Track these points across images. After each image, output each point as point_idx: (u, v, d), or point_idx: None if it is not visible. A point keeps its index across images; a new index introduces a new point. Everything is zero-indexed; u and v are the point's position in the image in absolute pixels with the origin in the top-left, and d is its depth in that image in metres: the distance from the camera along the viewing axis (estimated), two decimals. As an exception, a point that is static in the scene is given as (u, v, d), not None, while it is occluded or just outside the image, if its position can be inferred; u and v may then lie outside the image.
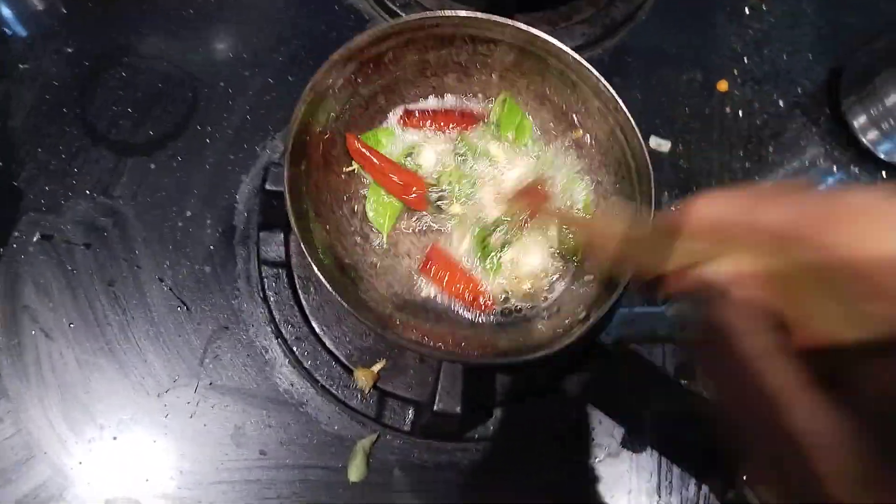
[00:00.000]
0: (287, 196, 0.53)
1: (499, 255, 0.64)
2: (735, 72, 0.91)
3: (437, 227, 0.67)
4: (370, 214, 0.65)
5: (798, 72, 0.92)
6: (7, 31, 0.80)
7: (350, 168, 0.65)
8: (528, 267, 0.64)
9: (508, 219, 0.64)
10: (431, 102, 0.69)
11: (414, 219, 0.68)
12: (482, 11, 0.76)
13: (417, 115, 0.68)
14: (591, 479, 0.70)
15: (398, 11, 0.84)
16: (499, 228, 0.64)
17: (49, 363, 0.67)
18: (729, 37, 0.93)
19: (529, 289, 0.63)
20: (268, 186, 0.61)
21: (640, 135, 0.60)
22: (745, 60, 0.92)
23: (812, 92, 0.92)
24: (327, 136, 0.61)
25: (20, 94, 0.77)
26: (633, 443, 0.71)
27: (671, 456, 0.71)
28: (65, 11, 0.82)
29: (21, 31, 0.80)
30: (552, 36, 0.62)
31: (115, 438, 0.65)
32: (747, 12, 0.95)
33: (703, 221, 0.35)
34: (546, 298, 0.62)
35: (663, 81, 0.88)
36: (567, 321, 0.57)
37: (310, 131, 0.58)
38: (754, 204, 0.33)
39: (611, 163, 0.64)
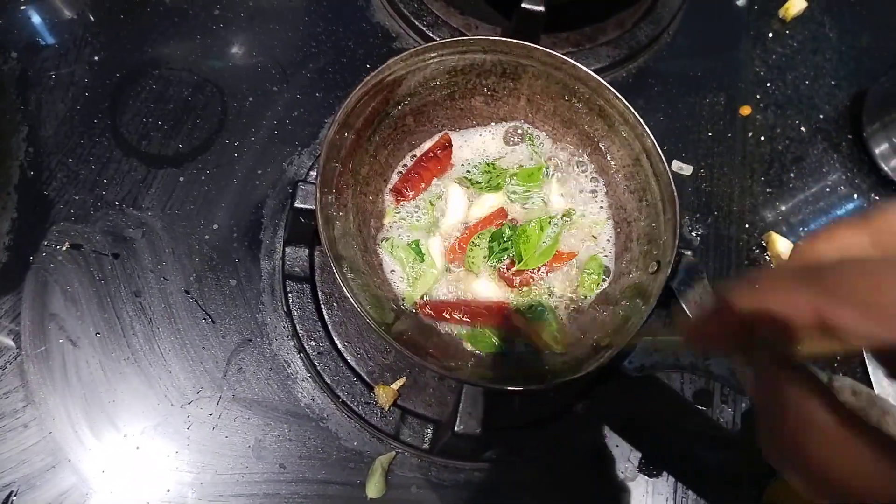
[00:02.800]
0: (318, 216, 0.53)
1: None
2: (758, 96, 0.91)
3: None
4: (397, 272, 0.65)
5: (821, 97, 0.93)
6: (39, 40, 0.82)
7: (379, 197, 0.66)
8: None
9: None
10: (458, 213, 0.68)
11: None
12: (508, 32, 0.77)
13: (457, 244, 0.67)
14: (608, 502, 0.70)
15: (425, 30, 0.85)
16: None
17: (75, 371, 0.68)
18: (752, 61, 0.93)
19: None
20: (297, 204, 0.62)
21: (665, 162, 0.61)
22: (768, 85, 0.92)
23: (834, 117, 0.92)
24: (356, 157, 0.62)
25: (52, 103, 0.78)
26: (649, 467, 0.71)
27: (687, 481, 0.71)
28: (93, 19, 0.83)
29: (51, 40, 0.82)
30: (576, 57, 0.63)
31: (137, 448, 0.66)
32: (770, 37, 0.96)
33: (705, 337, 0.35)
34: (569, 323, 0.62)
35: (686, 105, 0.88)
36: (590, 347, 0.57)
37: (340, 151, 0.59)
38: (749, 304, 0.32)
39: (636, 189, 0.65)
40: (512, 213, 0.68)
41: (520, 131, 0.71)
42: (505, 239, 0.64)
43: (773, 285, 0.31)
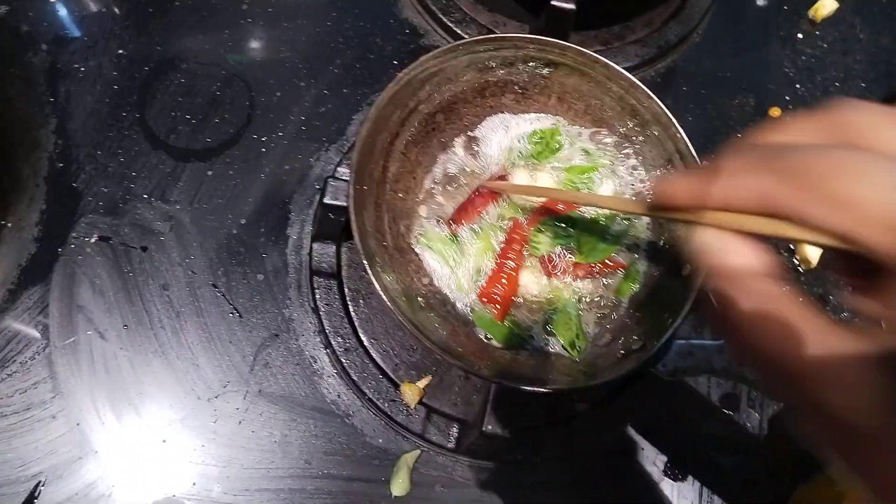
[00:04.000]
0: (352, 212, 0.53)
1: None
2: (787, 98, 0.90)
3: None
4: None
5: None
6: (67, 33, 0.82)
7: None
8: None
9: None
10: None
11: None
12: (537, 29, 0.77)
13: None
14: (632, 504, 0.70)
15: (453, 27, 0.85)
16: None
17: (102, 363, 0.68)
18: (782, 62, 0.92)
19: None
20: (326, 200, 0.62)
21: (699, 162, 0.60)
22: (798, 86, 0.91)
23: (864, 120, 0.90)
24: (388, 154, 0.62)
25: (80, 95, 0.79)
26: (675, 471, 0.71)
27: (713, 486, 0.71)
28: (119, 12, 0.83)
29: (79, 33, 0.82)
30: (605, 55, 0.62)
31: (164, 441, 0.67)
32: (800, 37, 0.95)
33: (663, 202, 0.35)
34: (602, 323, 0.62)
35: (716, 105, 0.88)
36: (622, 350, 0.56)
37: (372, 147, 0.59)
38: (710, 181, 0.32)
39: (667, 190, 0.64)
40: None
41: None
42: (570, 225, 0.64)
43: (732, 165, 0.31)
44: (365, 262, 0.53)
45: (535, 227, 0.64)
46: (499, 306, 0.61)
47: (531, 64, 0.65)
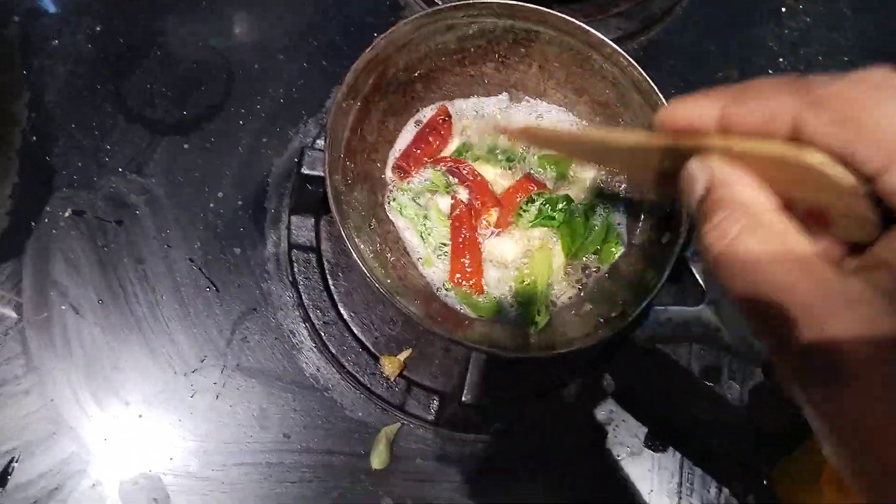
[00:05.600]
0: (327, 177, 0.52)
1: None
2: (770, 71, 0.90)
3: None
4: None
5: (834, 73, 0.91)
6: (41, 5, 0.80)
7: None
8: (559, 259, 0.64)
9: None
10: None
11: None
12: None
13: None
14: (613, 476, 0.70)
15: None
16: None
17: (77, 338, 0.67)
18: (765, 35, 0.92)
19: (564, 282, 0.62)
20: (304, 170, 0.61)
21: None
22: (781, 60, 0.91)
23: (848, 95, 0.90)
24: (365, 122, 0.61)
25: (54, 69, 0.77)
26: (655, 443, 0.70)
27: (693, 458, 0.71)
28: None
29: (53, 7, 0.80)
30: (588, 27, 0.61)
31: (140, 416, 0.66)
32: (784, 11, 0.94)
33: (675, 127, 0.34)
34: (580, 291, 0.62)
35: (699, 78, 0.87)
36: (601, 316, 0.56)
37: (348, 115, 0.58)
38: (729, 103, 0.32)
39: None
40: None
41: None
42: (558, 207, 0.63)
43: (758, 87, 0.31)
44: (340, 227, 0.52)
45: (525, 199, 0.64)
46: (471, 282, 0.61)
47: (512, 32, 0.64)
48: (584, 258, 0.63)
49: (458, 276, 0.61)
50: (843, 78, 0.29)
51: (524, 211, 0.63)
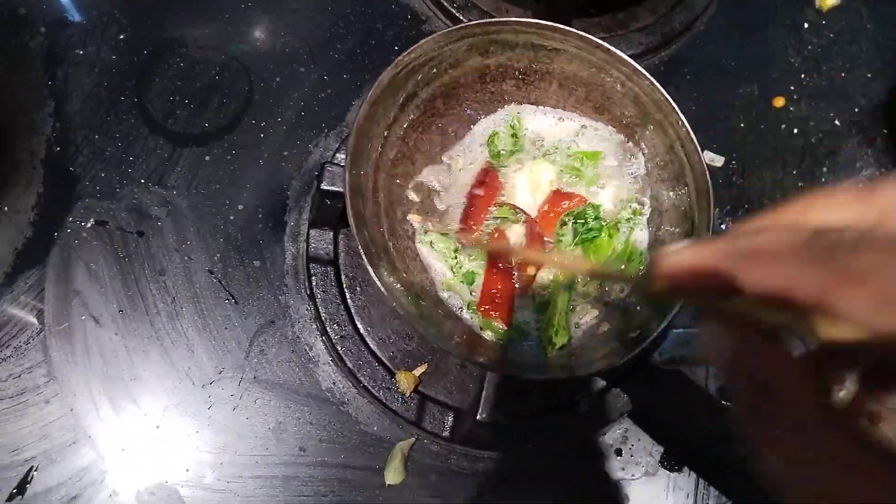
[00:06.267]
0: (347, 198, 0.53)
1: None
2: (791, 87, 0.89)
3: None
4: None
5: (855, 89, 0.90)
6: (66, 16, 0.81)
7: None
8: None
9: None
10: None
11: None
12: (539, 15, 0.76)
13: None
14: (628, 495, 0.69)
15: (454, 12, 0.84)
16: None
17: (98, 348, 0.68)
18: (787, 51, 0.91)
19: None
20: (323, 186, 0.61)
21: (700, 151, 0.59)
22: (803, 76, 0.90)
23: (869, 110, 0.89)
24: (386, 139, 0.61)
25: (78, 79, 0.78)
26: (671, 462, 0.70)
27: (709, 477, 0.70)
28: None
29: (78, 17, 0.81)
30: (608, 42, 0.61)
31: (158, 427, 0.66)
32: (806, 27, 0.93)
33: (675, 276, 0.31)
34: (600, 312, 0.61)
35: (719, 94, 0.87)
36: (620, 338, 0.56)
37: (369, 132, 0.58)
38: (740, 263, 0.28)
39: (668, 178, 0.63)
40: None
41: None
42: (590, 221, 0.63)
43: (777, 249, 0.27)
44: (361, 249, 0.52)
45: (560, 219, 0.64)
46: (499, 314, 0.61)
47: (532, 50, 0.64)
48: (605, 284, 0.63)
49: (486, 306, 0.61)
50: (872, 240, 0.25)
51: (561, 237, 0.63)
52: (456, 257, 0.63)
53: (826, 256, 0.25)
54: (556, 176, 0.66)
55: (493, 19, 0.62)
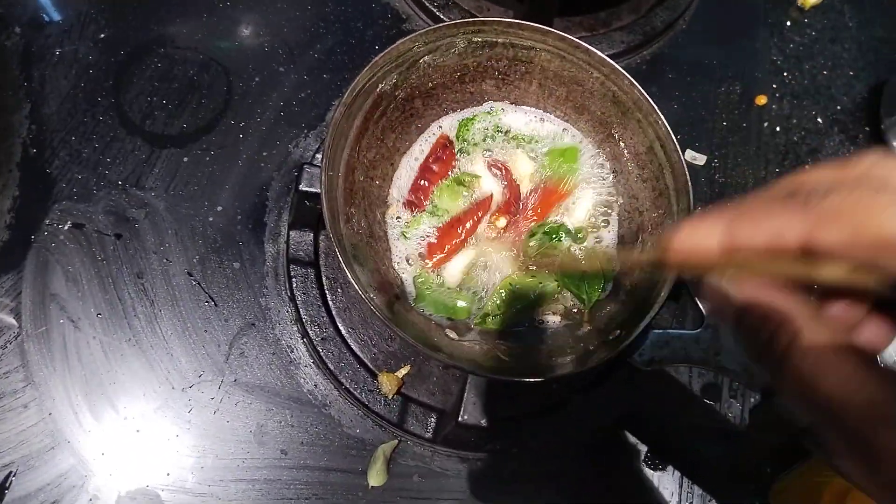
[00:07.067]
0: (324, 200, 0.52)
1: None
2: (774, 86, 0.89)
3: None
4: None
5: (838, 88, 0.91)
6: (43, 15, 0.80)
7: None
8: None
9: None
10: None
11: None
12: (521, 15, 0.75)
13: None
14: (612, 495, 0.69)
15: (435, 12, 0.83)
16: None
17: (76, 352, 0.67)
18: (769, 50, 0.91)
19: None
20: (302, 187, 0.60)
21: (679, 150, 0.59)
22: (785, 74, 0.90)
23: (851, 109, 0.90)
24: (363, 140, 0.61)
25: (55, 80, 0.77)
26: (655, 461, 0.70)
27: (694, 476, 0.70)
28: (99, -3, 0.81)
29: (56, 17, 0.80)
30: (590, 42, 0.61)
31: (138, 431, 0.66)
32: (788, 25, 0.94)
33: (685, 256, 0.34)
34: (580, 313, 0.61)
35: (701, 93, 0.87)
36: (598, 340, 0.56)
37: (347, 133, 0.58)
38: (735, 225, 0.32)
39: (648, 177, 0.63)
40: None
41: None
42: (559, 238, 0.64)
43: (761, 207, 0.31)
44: (337, 251, 0.52)
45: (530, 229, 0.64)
46: (434, 258, 0.62)
47: (512, 50, 0.64)
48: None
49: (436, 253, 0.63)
50: (840, 187, 0.30)
51: (529, 246, 0.63)
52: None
53: (805, 203, 0.30)
54: (533, 170, 0.66)
55: (471, 19, 0.61)
